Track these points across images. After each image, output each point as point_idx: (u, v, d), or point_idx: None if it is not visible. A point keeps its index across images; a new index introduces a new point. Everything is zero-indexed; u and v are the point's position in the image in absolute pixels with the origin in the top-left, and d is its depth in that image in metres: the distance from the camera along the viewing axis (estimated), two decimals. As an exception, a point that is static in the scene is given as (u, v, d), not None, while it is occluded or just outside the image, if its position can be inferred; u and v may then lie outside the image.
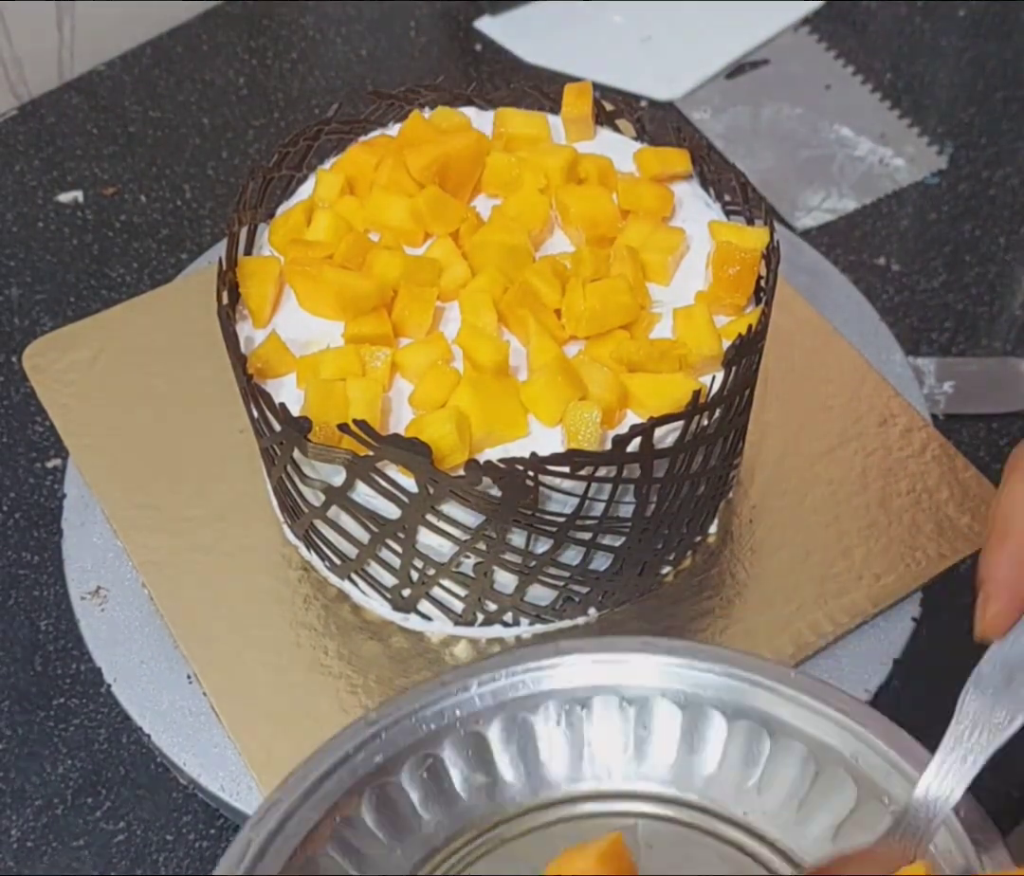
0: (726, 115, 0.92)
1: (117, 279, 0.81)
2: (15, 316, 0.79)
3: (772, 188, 0.86)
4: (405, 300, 0.59)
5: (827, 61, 0.96)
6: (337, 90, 0.93)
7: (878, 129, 0.90)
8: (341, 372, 0.56)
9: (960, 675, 0.64)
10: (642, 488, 0.55)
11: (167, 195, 0.86)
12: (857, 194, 0.86)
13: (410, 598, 0.59)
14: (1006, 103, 0.92)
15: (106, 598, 0.63)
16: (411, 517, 0.54)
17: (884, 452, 0.66)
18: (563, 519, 0.54)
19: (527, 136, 0.65)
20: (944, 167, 0.88)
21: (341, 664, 0.59)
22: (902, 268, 0.81)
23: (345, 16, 0.99)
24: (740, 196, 0.63)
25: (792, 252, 0.76)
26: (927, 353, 0.76)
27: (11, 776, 0.60)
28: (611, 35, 0.97)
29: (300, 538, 0.62)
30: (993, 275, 0.81)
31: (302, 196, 0.65)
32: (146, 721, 0.59)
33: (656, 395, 0.55)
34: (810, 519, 0.64)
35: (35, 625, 0.65)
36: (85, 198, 0.86)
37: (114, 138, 0.90)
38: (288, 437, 0.54)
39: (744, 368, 0.56)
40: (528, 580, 0.57)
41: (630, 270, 0.59)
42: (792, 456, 0.66)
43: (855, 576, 0.62)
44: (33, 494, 0.70)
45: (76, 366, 0.69)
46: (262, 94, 0.93)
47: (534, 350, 0.57)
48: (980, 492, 0.64)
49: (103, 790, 0.60)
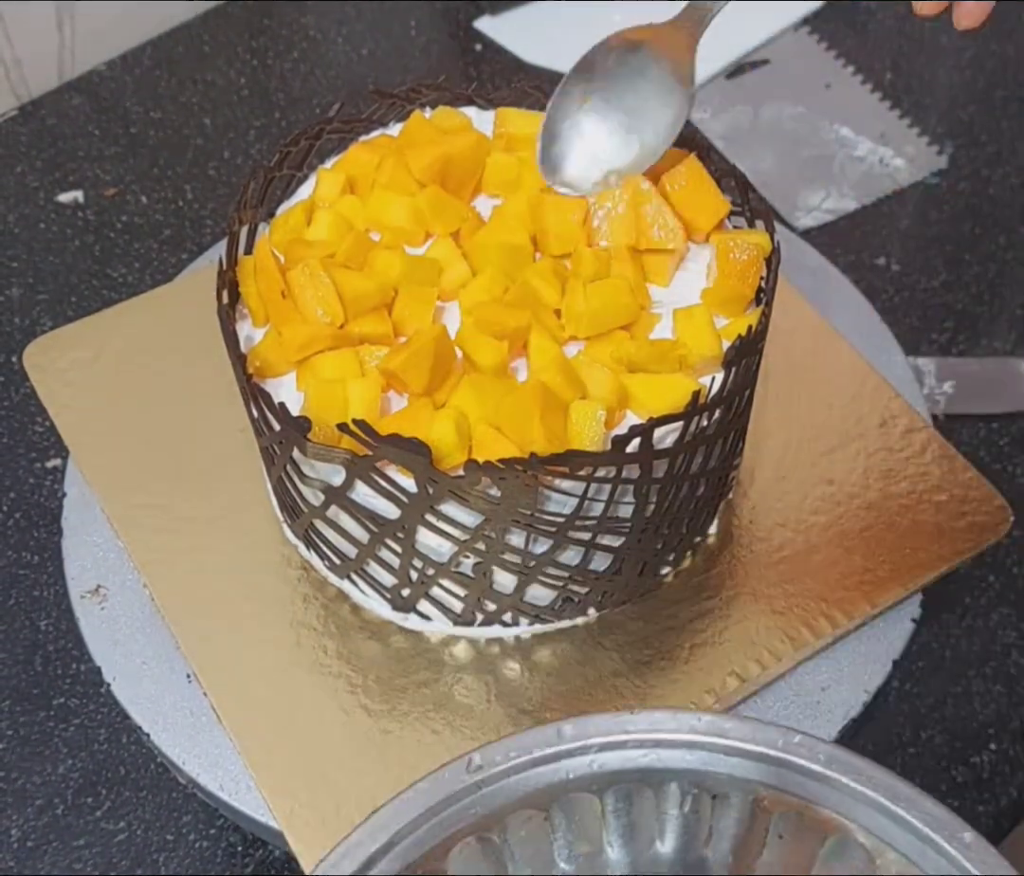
0: (726, 115, 0.92)
1: (118, 279, 0.81)
2: (15, 316, 0.79)
3: (772, 188, 0.86)
4: (405, 300, 0.59)
5: (827, 61, 0.96)
6: (338, 90, 0.93)
7: (878, 129, 0.90)
8: (341, 372, 0.56)
9: (960, 675, 0.64)
10: (642, 488, 0.55)
11: (168, 195, 0.86)
12: (857, 194, 0.86)
13: (409, 598, 0.59)
14: (1006, 102, 0.92)
15: (106, 597, 0.63)
16: (410, 517, 0.54)
17: (884, 453, 0.66)
18: (562, 519, 0.54)
19: (528, 136, 0.65)
20: (944, 167, 0.88)
21: (340, 663, 0.59)
22: (902, 268, 0.82)
23: (345, 16, 0.99)
24: (740, 196, 0.63)
25: (792, 252, 0.76)
26: (927, 353, 0.76)
27: (12, 776, 0.60)
28: (611, 35, 0.97)
29: (300, 538, 0.62)
30: (993, 275, 0.81)
31: (303, 196, 0.65)
32: (145, 720, 0.59)
33: (656, 396, 0.55)
34: (810, 520, 0.64)
35: (35, 625, 0.65)
36: (86, 198, 0.86)
37: (115, 138, 0.90)
38: (287, 437, 0.54)
39: (744, 369, 0.56)
40: (527, 580, 0.57)
41: (630, 271, 0.59)
42: (792, 457, 0.66)
43: (855, 577, 0.62)
44: (33, 494, 0.70)
45: (76, 366, 0.69)
46: (263, 94, 0.93)
47: (534, 350, 0.57)
48: (980, 494, 0.64)
49: (103, 790, 0.60)
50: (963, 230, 0.84)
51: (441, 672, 0.59)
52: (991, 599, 0.66)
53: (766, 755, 0.45)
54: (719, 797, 0.45)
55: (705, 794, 0.46)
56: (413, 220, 0.62)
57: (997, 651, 0.64)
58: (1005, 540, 0.64)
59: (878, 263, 0.82)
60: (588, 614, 0.60)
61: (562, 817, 0.45)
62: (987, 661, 0.64)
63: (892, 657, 0.61)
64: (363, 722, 0.57)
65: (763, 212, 0.62)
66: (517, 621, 0.59)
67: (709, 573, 0.62)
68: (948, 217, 0.85)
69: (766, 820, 0.45)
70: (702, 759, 0.45)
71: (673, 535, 0.59)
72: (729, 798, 0.45)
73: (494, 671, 0.59)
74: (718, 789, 0.45)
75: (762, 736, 0.45)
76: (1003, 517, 0.63)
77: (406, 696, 0.58)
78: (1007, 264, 0.82)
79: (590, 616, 0.60)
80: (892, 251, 0.82)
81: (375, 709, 0.57)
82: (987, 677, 0.64)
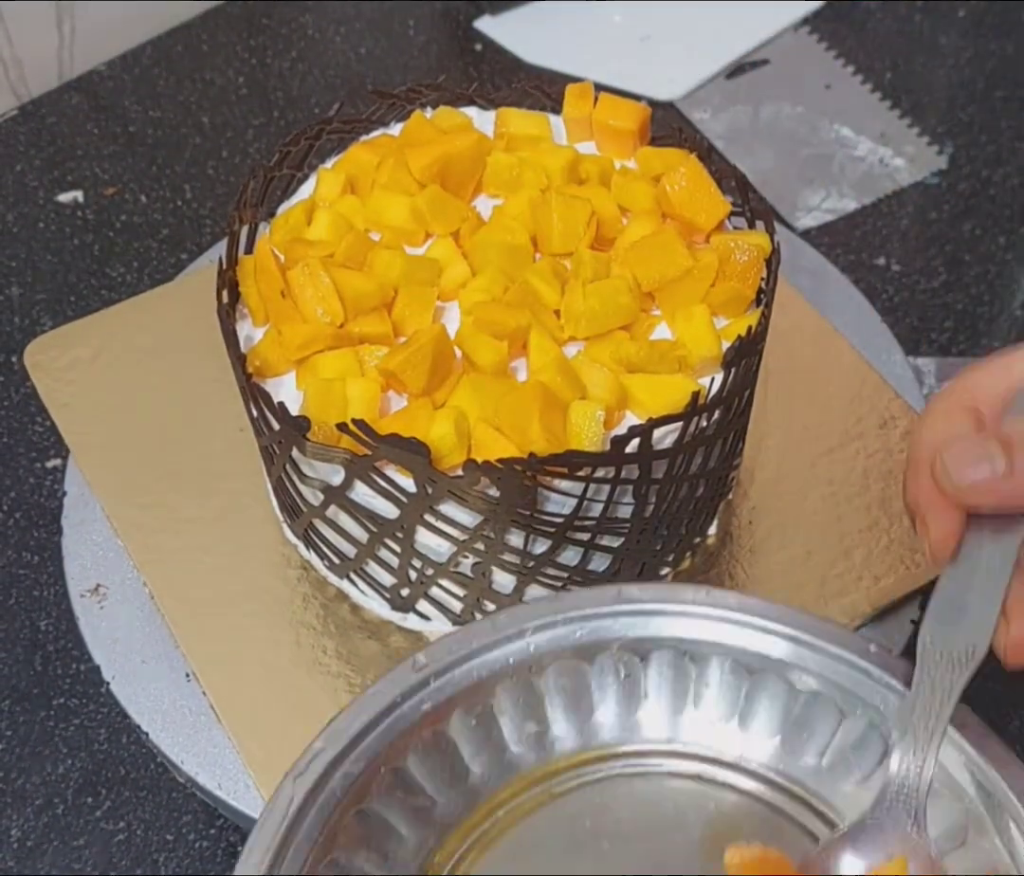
0: (726, 115, 0.92)
1: (117, 279, 0.81)
2: (15, 316, 0.79)
3: (772, 188, 0.86)
4: (405, 300, 0.59)
5: (827, 61, 0.96)
6: (337, 89, 0.93)
7: (878, 129, 0.90)
8: (340, 372, 0.56)
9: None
10: (641, 489, 0.55)
11: (167, 195, 0.86)
12: (857, 194, 0.86)
13: (409, 598, 0.59)
14: (1006, 102, 0.92)
15: (105, 596, 0.63)
16: (410, 517, 0.54)
17: (884, 453, 0.66)
18: (561, 519, 0.54)
19: (528, 136, 0.65)
20: (944, 167, 0.88)
21: (340, 663, 0.59)
22: (902, 268, 0.82)
23: (345, 15, 0.99)
24: (740, 196, 0.63)
25: (792, 252, 0.76)
26: (927, 353, 0.76)
27: (11, 776, 0.61)
28: (611, 35, 0.98)
29: (299, 537, 0.62)
30: (993, 275, 0.81)
31: (303, 195, 0.65)
32: (144, 719, 0.59)
33: (655, 396, 0.55)
34: (810, 520, 0.64)
35: (35, 624, 0.65)
36: (85, 198, 0.86)
37: (114, 138, 0.90)
38: (287, 436, 0.54)
39: (744, 369, 0.56)
40: (526, 580, 0.57)
41: (630, 271, 0.59)
42: (792, 457, 0.66)
43: (855, 578, 0.62)
44: (33, 494, 0.70)
45: (77, 365, 0.69)
46: (262, 93, 0.93)
47: (534, 350, 0.57)
48: (980, 493, 0.64)
49: (103, 790, 0.60)
50: (963, 230, 0.84)
51: (441, 672, 0.59)
52: (991, 599, 0.66)
53: (686, 611, 0.50)
54: (645, 658, 0.50)
55: (635, 657, 0.50)
56: (413, 220, 0.62)
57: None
58: (1005, 540, 0.64)
59: (878, 263, 0.82)
60: (588, 614, 0.60)
61: (507, 701, 0.49)
62: (986, 661, 0.64)
63: (892, 657, 0.61)
64: (363, 722, 0.57)
65: (763, 212, 0.62)
66: (517, 621, 0.59)
67: (708, 574, 0.62)
68: (948, 217, 0.85)
69: (696, 669, 0.50)
70: (626, 625, 0.50)
71: (672, 536, 0.59)
72: (653, 657, 0.50)
73: (494, 671, 0.59)
74: (643, 651, 0.50)
75: (680, 595, 0.50)
76: (1003, 517, 0.63)
77: (406, 696, 0.58)
78: (1007, 264, 0.82)
79: (590, 616, 0.60)
80: (892, 251, 0.82)
81: (375, 709, 0.57)
82: (987, 677, 0.63)
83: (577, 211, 0.60)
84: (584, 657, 0.50)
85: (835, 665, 0.49)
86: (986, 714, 0.49)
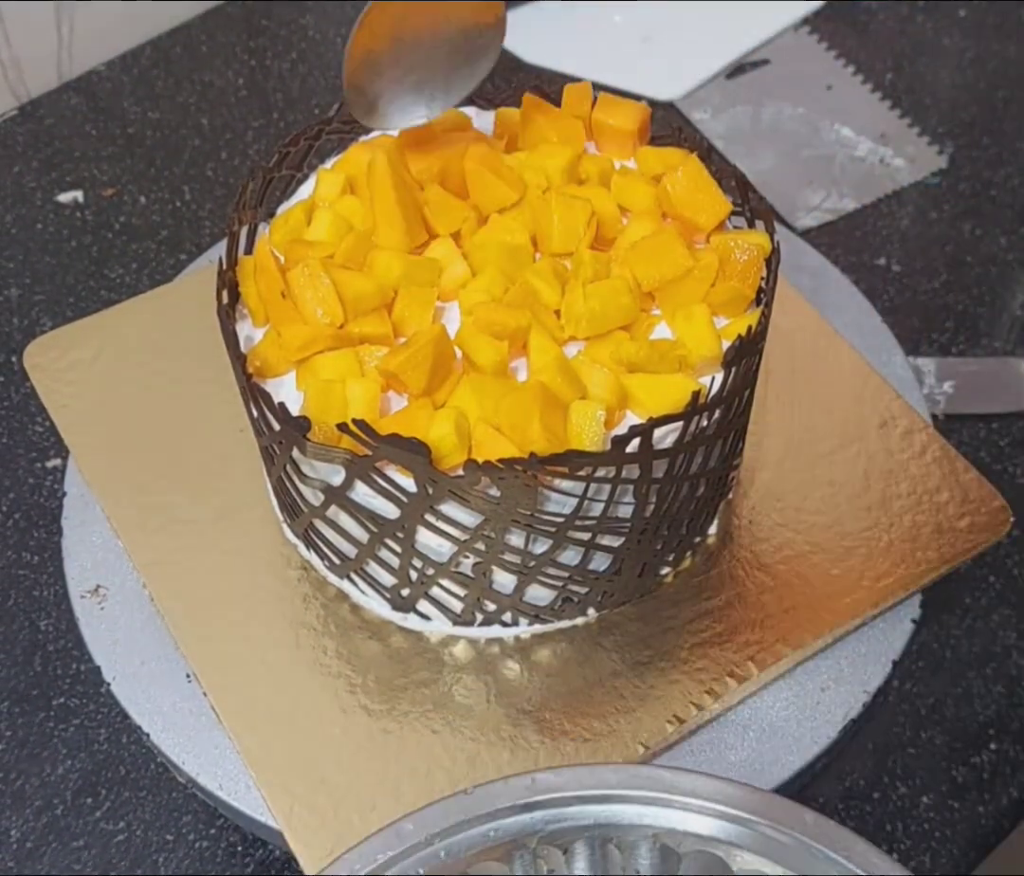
0: (726, 115, 0.92)
1: (116, 280, 0.81)
2: (15, 316, 0.79)
3: (772, 188, 0.86)
4: (405, 300, 0.59)
5: (827, 61, 0.96)
6: (336, 90, 0.93)
7: (878, 129, 0.90)
8: (340, 372, 0.56)
9: (960, 676, 0.64)
10: (641, 489, 0.55)
11: (166, 196, 0.86)
12: (857, 194, 0.86)
13: (409, 598, 0.59)
14: (1007, 103, 0.92)
15: (105, 597, 0.63)
16: (410, 517, 0.54)
17: (885, 454, 0.66)
18: (562, 519, 0.54)
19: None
20: (944, 167, 0.88)
21: (340, 663, 0.59)
22: (903, 268, 0.81)
23: (345, 16, 0.99)
24: (740, 196, 0.63)
25: (792, 252, 0.76)
26: (927, 353, 0.76)
27: (11, 777, 0.60)
28: (611, 35, 0.97)
29: (299, 537, 0.62)
30: (993, 275, 0.81)
31: (303, 196, 0.65)
32: (145, 720, 0.59)
33: (656, 396, 0.55)
34: (810, 520, 0.64)
35: (35, 625, 0.65)
36: (84, 199, 0.86)
37: (113, 139, 0.90)
38: (287, 436, 0.54)
39: (744, 369, 0.56)
40: (527, 580, 0.57)
41: (630, 271, 0.59)
42: (792, 457, 0.66)
43: (855, 577, 0.62)
44: (33, 494, 0.70)
45: (76, 366, 0.69)
46: (261, 94, 0.93)
47: (534, 350, 0.57)
48: (980, 495, 0.64)
49: (103, 790, 0.60)
50: (963, 230, 0.84)
51: (441, 672, 0.59)
52: (991, 599, 0.66)
53: (608, 795, 0.45)
54: (568, 851, 0.46)
55: (557, 851, 0.46)
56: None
57: (997, 651, 0.64)
58: (1005, 540, 0.64)
59: (878, 263, 0.82)
60: (588, 614, 0.60)
61: None
62: (987, 661, 0.64)
63: (892, 657, 0.61)
64: (362, 722, 0.57)
65: (763, 212, 0.62)
66: (517, 621, 0.59)
67: (709, 573, 0.62)
68: (948, 217, 0.85)
69: (623, 857, 0.46)
70: (544, 818, 0.45)
71: (673, 535, 0.59)
72: (577, 848, 0.46)
73: (494, 671, 0.59)
74: (565, 843, 0.46)
75: (600, 777, 0.46)
76: (1003, 517, 0.63)
77: (406, 696, 0.58)
78: (1008, 265, 0.82)
79: (590, 616, 0.60)
80: (892, 251, 0.82)
81: (375, 709, 0.57)
82: (987, 677, 0.64)
83: (577, 211, 0.60)
84: (500, 858, 0.45)
85: (770, 840, 0.45)
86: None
